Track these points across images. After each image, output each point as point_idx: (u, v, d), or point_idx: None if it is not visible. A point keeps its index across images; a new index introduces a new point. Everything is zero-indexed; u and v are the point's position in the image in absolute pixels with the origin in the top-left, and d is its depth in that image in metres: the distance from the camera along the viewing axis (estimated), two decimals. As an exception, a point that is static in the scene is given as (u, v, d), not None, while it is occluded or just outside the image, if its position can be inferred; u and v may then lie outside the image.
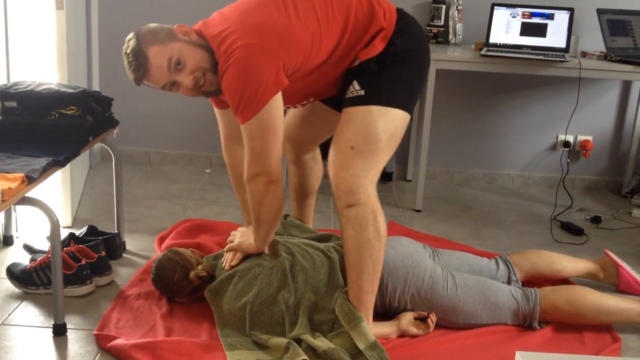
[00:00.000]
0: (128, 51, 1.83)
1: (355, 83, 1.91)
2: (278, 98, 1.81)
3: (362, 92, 1.89)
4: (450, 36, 3.53)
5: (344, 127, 1.89)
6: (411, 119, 2.01)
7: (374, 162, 1.87)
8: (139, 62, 1.81)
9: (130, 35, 1.85)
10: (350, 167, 1.84)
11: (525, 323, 2.10)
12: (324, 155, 2.12)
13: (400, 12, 1.98)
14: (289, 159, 2.42)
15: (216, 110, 2.18)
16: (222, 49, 1.79)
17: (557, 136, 3.72)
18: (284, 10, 1.83)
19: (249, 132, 1.83)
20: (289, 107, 2.23)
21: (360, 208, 1.84)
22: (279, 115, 1.83)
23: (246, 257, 2.12)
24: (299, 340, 1.90)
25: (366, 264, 1.89)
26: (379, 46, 1.90)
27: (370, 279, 1.91)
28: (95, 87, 3.62)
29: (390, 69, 1.90)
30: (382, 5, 1.94)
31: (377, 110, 1.87)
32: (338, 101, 1.99)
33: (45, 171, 1.98)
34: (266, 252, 2.09)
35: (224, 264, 2.11)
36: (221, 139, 2.23)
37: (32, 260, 2.30)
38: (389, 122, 1.88)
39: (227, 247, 2.17)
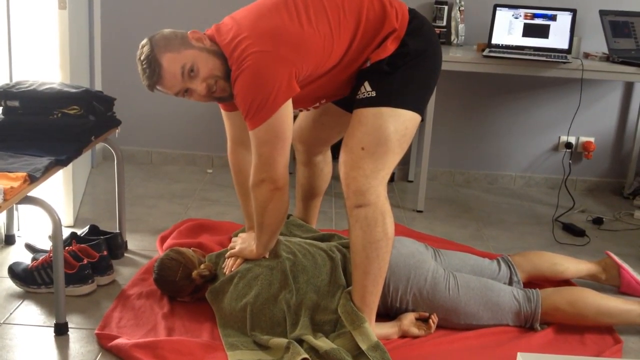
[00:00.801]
0: (142, 58, 1.83)
1: (366, 84, 1.90)
2: (288, 105, 1.81)
3: (373, 94, 1.88)
4: (453, 37, 3.52)
5: (355, 128, 1.88)
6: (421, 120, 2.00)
7: (384, 163, 1.87)
8: (153, 69, 1.81)
9: (144, 41, 1.85)
10: (361, 168, 1.84)
11: (526, 324, 2.09)
12: (335, 156, 2.12)
13: (412, 12, 1.96)
14: (300, 161, 2.42)
15: (223, 113, 2.18)
16: (235, 55, 1.79)
17: (559, 137, 3.72)
18: (296, 15, 1.82)
19: (258, 138, 1.83)
20: (300, 110, 2.22)
21: (369, 209, 1.84)
22: (288, 122, 1.83)
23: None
24: (300, 341, 1.90)
25: (372, 265, 1.89)
26: (390, 47, 1.89)
27: (375, 280, 1.91)
28: (98, 86, 3.61)
29: (402, 70, 1.89)
30: (394, 5, 1.92)
31: (388, 112, 1.87)
32: (349, 102, 1.98)
33: (48, 170, 1.98)
34: (267, 257, 2.09)
35: (225, 271, 2.11)
36: (228, 142, 2.23)
37: (33, 259, 2.30)
38: (400, 123, 1.88)
39: (228, 253, 2.17)
